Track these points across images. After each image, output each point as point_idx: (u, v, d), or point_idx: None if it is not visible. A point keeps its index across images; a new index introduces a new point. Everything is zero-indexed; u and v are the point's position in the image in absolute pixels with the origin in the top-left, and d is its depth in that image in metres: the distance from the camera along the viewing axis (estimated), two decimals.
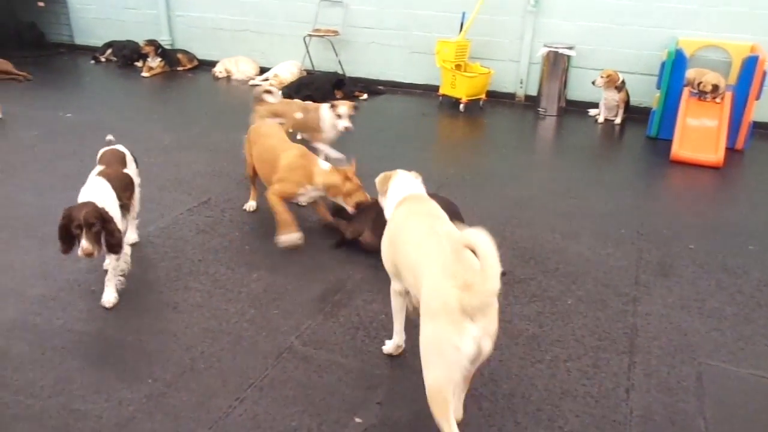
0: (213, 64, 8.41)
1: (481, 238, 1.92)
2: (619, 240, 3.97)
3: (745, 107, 5.57)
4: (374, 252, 3.76)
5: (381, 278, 3.39)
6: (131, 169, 3.50)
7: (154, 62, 8.25)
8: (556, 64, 6.67)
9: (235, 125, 6.21)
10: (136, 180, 3.55)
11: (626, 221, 4.24)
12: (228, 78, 8.23)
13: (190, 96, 7.57)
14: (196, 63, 8.70)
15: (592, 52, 6.79)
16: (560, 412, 2.49)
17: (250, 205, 4.28)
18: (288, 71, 7.77)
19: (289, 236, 3.73)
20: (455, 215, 3.52)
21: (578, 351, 2.87)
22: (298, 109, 5.02)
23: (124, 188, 3.25)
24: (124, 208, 3.22)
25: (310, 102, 5.27)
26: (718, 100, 5.60)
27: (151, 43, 8.25)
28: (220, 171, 4.96)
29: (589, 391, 2.62)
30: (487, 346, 2.03)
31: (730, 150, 5.60)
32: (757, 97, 5.55)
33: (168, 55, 8.43)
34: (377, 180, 2.84)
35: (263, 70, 8.17)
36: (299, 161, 3.75)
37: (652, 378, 2.70)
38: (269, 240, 3.83)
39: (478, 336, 1.98)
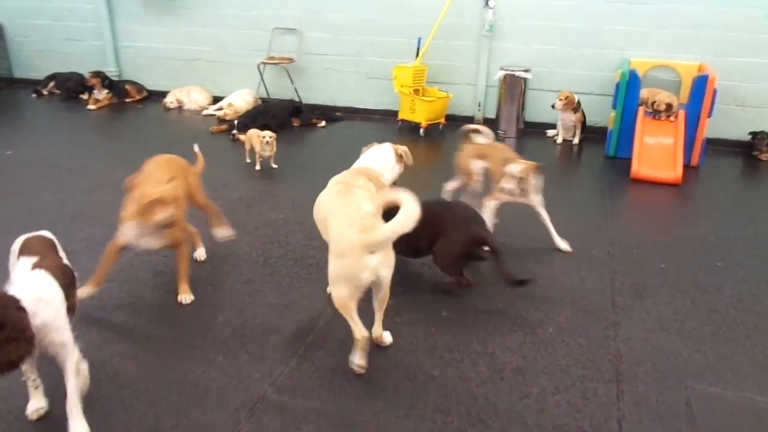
0: (163, 94, 8.15)
1: (406, 199, 2.54)
2: (591, 263, 3.94)
3: (698, 125, 5.72)
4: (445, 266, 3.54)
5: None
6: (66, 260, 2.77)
7: (101, 94, 7.93)
8: (513, 86, 6.73)
9: (189, 158, 5.98)
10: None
11: (596, 243, 4.23)
12: (180, 108, 7.98)
13: (140, 128, 7.28)
14: (145, 94, 8.42)
15: (547, 74, 6.89)
16: None
17: (198, 253, 3.87)
18: (243, 100, 7.59)
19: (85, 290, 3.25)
20: (477, 221, 3.46)
21: (565, 382, 2.78)
22: (506, 154, 4.16)
23: (69, 285, 2.49)
24: (71, 310, 2.46)
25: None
26: (672, 118, 5.73)
27: (97, 74, 7.94)
28: None
29: (581, 425, 2.52)
30: (384, 272, 2.72)
31: (686, 167, 5.71)
32: (709, 115, 5.70)
33: (115, 87, 8.13)
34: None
35: (216, 99, 7.96)
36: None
37: (641, 406, 2.63)
38: (233, 279, 3.63)
39: (377, 265, 2.66)
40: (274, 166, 5.69)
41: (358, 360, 2.80)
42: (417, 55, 6.96)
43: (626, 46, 6.55)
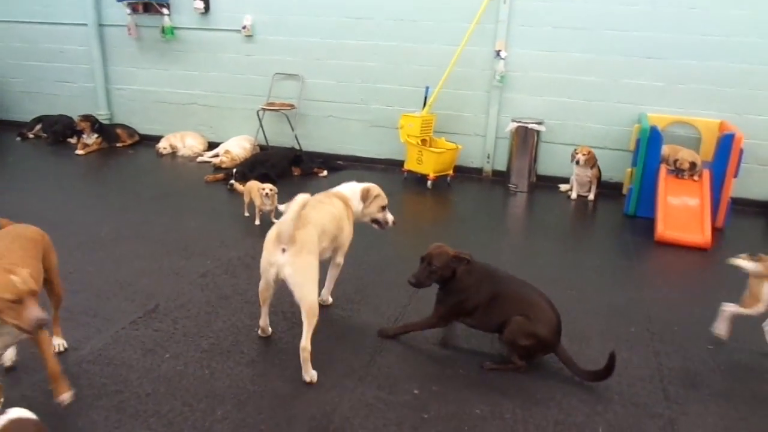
0: (156, 139, 7.80)
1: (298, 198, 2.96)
2: (631, 341, 3.55)
3: (723, 185, 5.44)
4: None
5: (376, 407, 2.83)
6: None
7: (90, 139, 7.56)
8: (525, 139, 6.46)
9: (184, 209, 5.61)
10: None
11: (632, 316, 3.85)
12: (173, 154, 7.63)
13: (130, 176, 6.88)
14: (137, 138, 8.07)
15: (559, 127, 6.64)
16: None
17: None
18: (240, 147, 7.26)
19: None
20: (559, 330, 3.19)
21: None
22: None
23: None
24: None
25: None
26: (696, 177, 5.46)
27: (87, 118, 7.59)
28: (169, 268, 4.30)
29: None
30: (288, 272, 2.98)
31: (712, 228, 5.39)
32: (735, 175, 5.44)
33: (106, 131, 7.78)
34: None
35: (212, 146, 7.63)
36: None
37: None
38: (233, 359, 3.19)
39: (283, 262, 2.98)
40: (275, 221, 5.29)
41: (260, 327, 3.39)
42: (424, 104, 6.69)
43: (642, 101, 6.33)
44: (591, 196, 6.34)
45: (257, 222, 5.30)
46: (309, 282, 2.99)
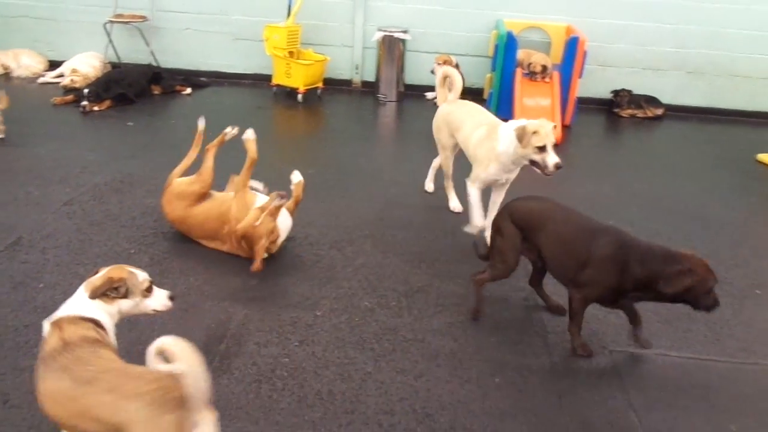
0: None
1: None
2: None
3: (570, 85, 5.95)
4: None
5: (270, 312, 2.97)
6: None
7: None
8: (392, 48, 6.54)
9: (32, 136, 5.12)
10: None
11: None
12: (7, 75, 6.78)
13: None
14: None
15: (423, 35, 6.76)
16: None
17: None
18: (88, 65, 6.60)
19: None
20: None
21: (501, 362, 2.73)
22: None
23: None
24: None
25: None
26: (547, 79, 5.91)
27: None
28: (26, 199, 3.98)
29: (524, 406, 2.48)
30: None
31: (561, 126, 5.95)
32: (580, 75, 5.95)
33: None
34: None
35: (54, 65, 6.87)
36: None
37: (576, 378, 2.66)
38: None
39: None
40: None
41: None
42: (289, 14, 6.48)
43: (499, 7, 6.59)
44: None
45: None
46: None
